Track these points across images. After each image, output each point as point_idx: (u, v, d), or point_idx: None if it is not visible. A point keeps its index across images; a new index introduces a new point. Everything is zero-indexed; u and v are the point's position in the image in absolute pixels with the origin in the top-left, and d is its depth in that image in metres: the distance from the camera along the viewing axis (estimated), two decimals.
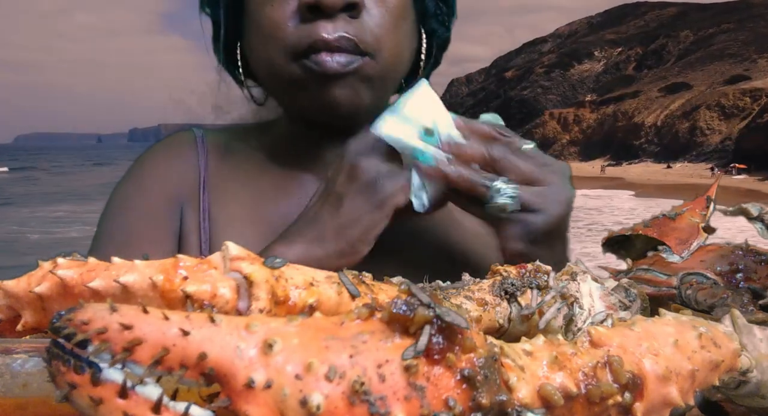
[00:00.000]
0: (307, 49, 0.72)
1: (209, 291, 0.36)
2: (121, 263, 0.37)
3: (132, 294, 0.36)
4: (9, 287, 0.39)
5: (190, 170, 0.85)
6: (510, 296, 0.46)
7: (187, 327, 0.27)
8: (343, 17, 0.72)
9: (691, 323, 0.39)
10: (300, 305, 0.37)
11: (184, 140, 0.89)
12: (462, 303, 0.44)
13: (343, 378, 0.26)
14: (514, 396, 0.29)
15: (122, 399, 0.26)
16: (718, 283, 0.51)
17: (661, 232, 0.59)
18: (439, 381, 0.28)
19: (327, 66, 0.71)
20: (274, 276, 0.37)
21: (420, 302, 0.28)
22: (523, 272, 0.47)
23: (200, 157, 0.86)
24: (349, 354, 0.27)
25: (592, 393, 0.31)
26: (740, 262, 0.52)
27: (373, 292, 0.41)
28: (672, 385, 0.34)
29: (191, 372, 0.26)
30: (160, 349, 0.26)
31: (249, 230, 0.80)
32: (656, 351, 0.35)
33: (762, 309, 0.48)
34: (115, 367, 0.27)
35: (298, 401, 0.26)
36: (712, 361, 0.37)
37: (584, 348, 0.34)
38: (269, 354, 0.26)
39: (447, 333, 0.28)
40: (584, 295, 0.47)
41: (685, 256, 0.56)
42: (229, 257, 0.37)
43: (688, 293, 0.51)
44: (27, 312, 0.39)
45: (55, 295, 0.37)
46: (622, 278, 0.51)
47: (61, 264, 0.38)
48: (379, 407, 0.26)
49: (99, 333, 0.27)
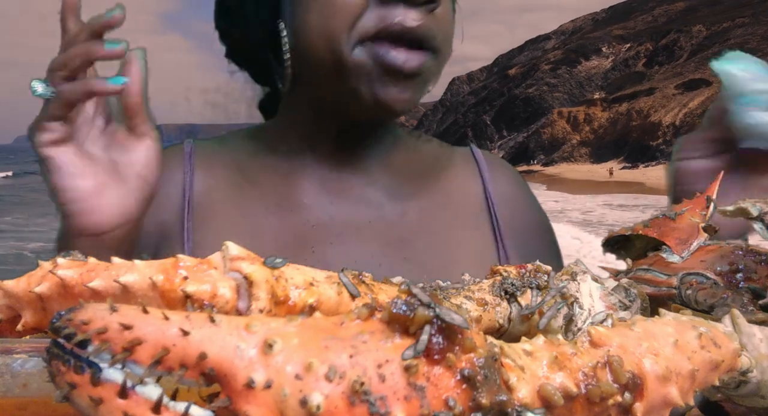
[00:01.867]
0: (378, 33, 0.66)
1: (209, 291, 0.36)
2: (121, 263, 0.37)
3: (132, 294, 0.36)
4: (9, 287, 0.39)
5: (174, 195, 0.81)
6: (510, 296, 0.46)
7: (187, 327, 0.27)
8: (424, 9, 0.67)
9: (691, 323, 0.39)
10: (300, 305, 0.37)
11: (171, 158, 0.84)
12: (462, 303, 0.44)
13: (343, 378, 0.26)
14: (514, 396, 0.29)
15: (122, 399, 0.26)
16: (718, 283, 0.51)
17: (661, 232, 0.59)
18: (439, 381, 0.28)
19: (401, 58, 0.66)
20: (274, 276, 0.37)
21: (420, 302, 0.28)
22: (523, 272, 0.47)
23: (186, 175, 0.82)
24: (349, 354, 0.27)
25: (592, 393, 0.31)
26: (740, 262, 0.52)
27: (373, 292, 0.41)
28: (672, 385, 0.34)
29: (191, 372, 0.26)
30: (160, 349, 0.26)
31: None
32: (656, 351, 0.35)
33: (762, 309, 0.48)
34: (115, 367, 0.27)
35: (298, 401, 0.26)
36: (712, 361, 0.37)
37: (584, 348, 0.34)
38: (269, 354, 0.27)
39: (447, 333, 0.28)
40: (584, 295, 0.47)
41: (685, 256, 0.56)
42: (229, 257, 0.37)
43: (688, 293, 0.51)
44: (27, 312, 0.39)
45: (55, 295, 0.37)
46: (622, 278, 0.51)
47: (61, 264, 0.38)
48: (379, 407, 0.26)
49: (99, 333, 0.27)
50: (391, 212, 0.83)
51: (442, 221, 0.84)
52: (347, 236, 0.80)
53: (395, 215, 0.83)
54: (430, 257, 0.81)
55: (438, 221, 0.84)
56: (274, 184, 0.82)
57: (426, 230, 0.83)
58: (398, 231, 0.82)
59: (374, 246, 0.80)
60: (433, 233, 0.83)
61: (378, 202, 0.83)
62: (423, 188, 0.86)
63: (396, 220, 0.82)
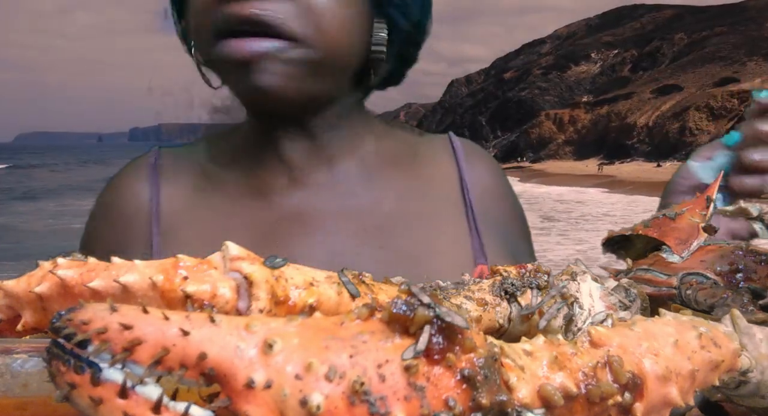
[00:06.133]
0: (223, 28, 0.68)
1: (209, 291, 0.36)
2: (121, 263, 0.37)
3: (132, 294, 0.36)
4: (9, 287, 0.39)
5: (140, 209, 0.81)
6: (510, 296, 0.46)
7: (187, 327, 0.27)
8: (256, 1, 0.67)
9: (691, 323, 0.39)
10: (300, 305, 0.37)
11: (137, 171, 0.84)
12: (462, 303, 0.44)
13: (343, 378, 0.26)
14: (514, 396, 0.29)
15: (122, 399, 0.26)
16: (718, 283, 0.51)
17: (661, 232, 0.59)
18: (439, 381, 0.28)
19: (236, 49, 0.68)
20: (274, 276, 0.37)
21: (420, 302, 0.28)
22: (523, 272, 0.47)
23: (152, 187, 0.82)
24: (349, 354, 0.27)
25: (592, 393, 0.31)
26: (740, 262, 0.52)
27: (373, 292, 0.41)
28: (672, 385, 0.34)
29: (191, 372, 0.26)
30: (160, 349, 0.26)
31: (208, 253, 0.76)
32: (656, 351, 0.35)
33: (762, 309, 0.48)
34: (115, 367, 0.27)
35: (298, 401, 0.26)
36: (712, 361, 0.37)
37: (584, 348, 0.34)
38: (269, 354, 0.26)
39: (447, 333, 0.28)
40: (584, 295, 0.47)
41: (685, 256, 0.56)
42: (228, 257, 0.37)
43: (688, 293, 0.51)
44: (27, 312, 0.39)
45: (55, 295, 0.37)
46: (622, 278, 0.51)
47: (61, 264, 0.38)
48: (379, 407, 0.26)
49: (99, 333, 0.27)
50: (364, 201, 0.82)
51: (417, 208, 0.84)
52: (319, 227, 0.79)
53: (369, 203, 0.82)
54: (406, 244, 0.80)
55: (414, 208, 0.84)
56: (241, 183, 0.82)
57: (402, 217, 0.82)
58: (373, 219, 0.81)
59: (348, 236, 0.79)
60: (409, 220, 0.82)
61: (347, 191, 0.82)
62: (398, 175, 0.85)
63: (370, 208, 0.82)
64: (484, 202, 0.87)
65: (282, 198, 0.80)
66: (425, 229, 0.82)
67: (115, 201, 0.84)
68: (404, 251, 0.80)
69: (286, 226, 0.79)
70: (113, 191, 0.86)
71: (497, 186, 0.92)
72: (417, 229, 0.82)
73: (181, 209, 0.81)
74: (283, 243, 0.78)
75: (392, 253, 0.79)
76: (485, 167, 0.92)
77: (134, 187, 0.83)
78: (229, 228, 0.79)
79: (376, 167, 0.85)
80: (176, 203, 0.82)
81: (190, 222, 0.80)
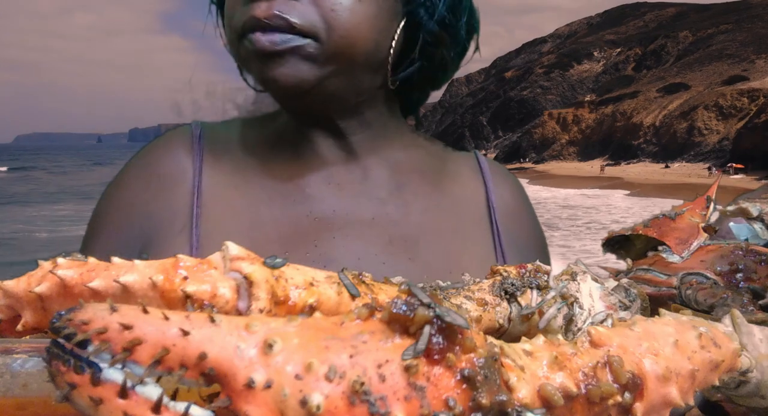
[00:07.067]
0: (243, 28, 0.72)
1: (209, 291, 0.36)
2: (121, 263, 0.37)
3: (132, 294, 0.36)
4: (9, 287, 0.39)
5: (182, 176, 0.81)
6: (510, 296, 0.46)
7: (187, 327, 0.27)
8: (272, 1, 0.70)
9: (691, 323, 0.39)
10: (300, 306, 0.37)
11: (180, 140, 0.84)
12: (462, 303, 0.44)
13: (343, 378, 0.26)
14: (514, 396, 0.29)
15: (122, 399, 0.26)
16: (718, 283, 0.51)
17: (661, 232, 0.59)
18: (439, 381, 0.28)
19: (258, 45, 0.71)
20: (274, 276, 0.37)
21: (420, 302, 0.28)
22: (523, 272, 0.47)
23: (195, 158, 0.82)
24: (349, 354, 0.27)
25: (592, 393, 0.31)
26: (740, 262, 0.52)
27: (373, 292, 0.41)
28: (672, 385, 0.34)
29: (191, 372, 0.26)
30: (160, 349, 0.26)
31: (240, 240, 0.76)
32: (656, 351, 0.35)
33: (762, 309, 0.48)
34: (115, 367, 0.27)
35: (298, 401, 0.26)
36: (712, 361, 0.37)
37: (584, 348, 0.34)
38: (269, 354, 0.26)
39: (447, 333, 0.28)
40: (584, 295, 0.47)
41: (685, 256, 0.56)
42: (229, 257, 0.37)
43: (688, 293, 0.51)
44: (27, 312, 0.39)
45: (55, 295, 0.37)
46: (622, 278, 0.51)
47: (61, 264, 0.38)
48: (379, 407, 0.26)
49: (99, 333, 0.27)
50: (394, 210, 0.82)
51: (446, 224, 0.84)
52: (349, 230, 0.80)
53: (398, 213, 0.83)
54: (434, 259, 0.81)
55: (442, 224, 0.84)
56: (279, 173, 0.82)
57: (431, 231, 0.83)
58: (401, 229, 0.81)
59: (377, 243, 0.80)
60: (438, 235, 0.83)
61: (378, 198, 0.82)
62: (426, 187, 0.86)
63: (399, 218, 0.82)
64: (507, 223, 0.88)
65: (317, 196, 0.81)
66: (453, 245, 0.83)
67: (153, 163, 0.83)
68: (433, 265, 0.80)
69: (318, 226, 0.79)
70: (151, 154, 0.85)
71: (521, 208, 0.93)
72: (445, 244, 0.83)
73: (222, 188, 0.81)
74: (312, 243, 0.78)
75: (421, 266, 0.79)
76: (510, 189, 0.93)
77: (177, 153, 0.83)
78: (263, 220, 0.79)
79: (405, 176, 0.85)
80: (217, 181, 0.82)
81: (228, 204, 0.80)
